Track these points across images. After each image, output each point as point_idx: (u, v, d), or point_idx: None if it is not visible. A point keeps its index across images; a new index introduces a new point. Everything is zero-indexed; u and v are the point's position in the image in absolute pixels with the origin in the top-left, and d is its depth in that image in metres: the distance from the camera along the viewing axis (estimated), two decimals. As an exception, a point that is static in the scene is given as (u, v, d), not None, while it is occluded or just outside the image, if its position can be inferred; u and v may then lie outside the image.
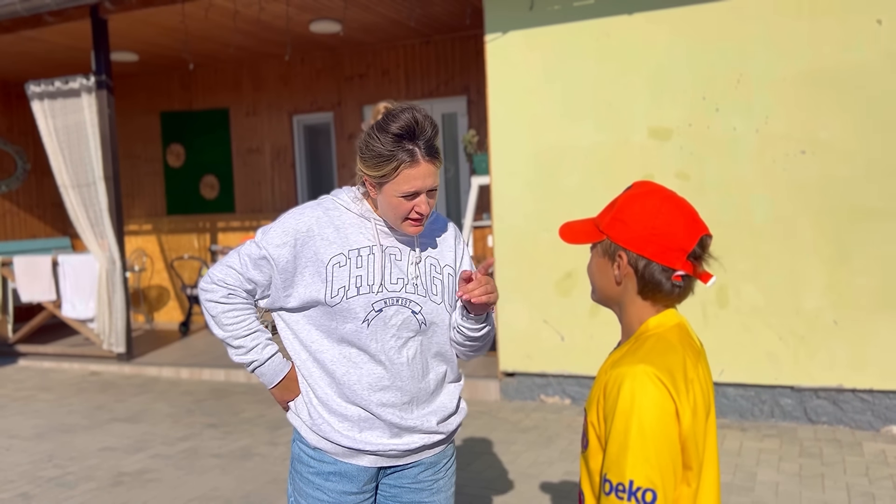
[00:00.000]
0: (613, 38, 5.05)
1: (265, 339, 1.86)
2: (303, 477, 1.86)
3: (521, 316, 5.43)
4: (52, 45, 7.52)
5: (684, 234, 1.33)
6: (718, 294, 4.90)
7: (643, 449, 1.23)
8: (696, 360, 1.36)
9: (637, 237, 1.34)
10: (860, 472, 4.00)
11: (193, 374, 6.75)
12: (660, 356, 1.29)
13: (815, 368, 4.73)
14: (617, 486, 1.25)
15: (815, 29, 4.59)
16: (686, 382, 1.29)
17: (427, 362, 1.87)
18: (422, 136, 1.73)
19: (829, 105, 4.60)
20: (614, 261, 1.38)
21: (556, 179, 5.26)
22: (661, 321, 1.37)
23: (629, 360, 1.29)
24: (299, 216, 1.82)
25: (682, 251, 1.33)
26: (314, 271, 1.79)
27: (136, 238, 9.67)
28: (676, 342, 1.34)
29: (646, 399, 1.24)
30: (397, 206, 1.75)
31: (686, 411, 1.27)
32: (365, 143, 1.76)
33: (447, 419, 1.91)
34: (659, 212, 1.34)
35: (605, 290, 1.43)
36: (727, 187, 4.85)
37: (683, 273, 1.33)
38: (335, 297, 1.78)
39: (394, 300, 1.80)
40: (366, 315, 1.78)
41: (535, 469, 4.18)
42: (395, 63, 8.16)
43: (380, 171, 1.73)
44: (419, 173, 1.72)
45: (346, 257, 1.79)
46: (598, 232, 1.42)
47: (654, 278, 1.34)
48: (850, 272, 4.61)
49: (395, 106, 1.76)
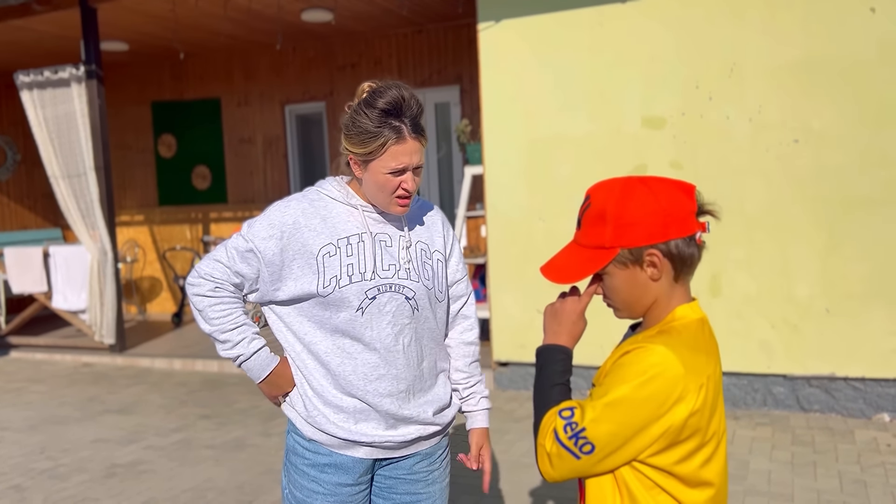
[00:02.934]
0: (607, 27, 5.03)
1: (252, 334, 1.84)
2: (298, 469, 1.85)
3: (515, 305, 5.43)
4: (41, 34, 7.45)
5: (685, 197, 1.31)
6: (711, 283, 4.91)
7: (615, 412, 1.23)
8: (714, 358, 1.33)
9: (656, 227, 1.28)
10: (852, 460, 4.02)
11: (186, 365, 6.73)
12: (684, 349, 1.27)
13: (807, 357, 4.74)
14: (572, 422, 1.28)
15: (808, 17, 4.58)
16: (699, 377, 1.26)
17: (421, 349, 1.86)
18: (408, 113, 1.72)
19: (822, 94, 4.59)
20: (643, 264, 1.31)
21: (549, 169, 5.25)
22: (686, 313, 1.34)
23: (657, 340, 1.27)
24: (284, 209, 1.80)
25: (692, 213, 1.31)
26: (304, 263, 1.77)
27: (128, 229, 9.62)
28: (700, 338, 1.32)
29: (655, 379, 1.23)
30: (384, 183, 1.74)
31: (688, 404, 1.24)
32: (351, 121, 1.74)
33: (442, 411, 1.90)
34: (654, 194, 1.30)
35: (642, 298, 1.34)
36: (720, 176, 4.85)
37: (700, 232, 1.32)
38: (328, 286, 1.76)
39: (387, 286, 1.78)
40: (360, 303, 1.77)
41: (529, 458, 4.19)
42: (388, 52, 8.11)
43: (366, 148, 1.72)
44: (406, 149, 1.71)
45: (336, 246, 1.78)
46: (603, 251, 1.32)
47: (688, 253, 1.31)
48: (843, 260, 4.63)
49: (380, 83, 1.75)
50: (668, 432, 1.25)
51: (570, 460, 1.28)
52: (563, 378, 1.38)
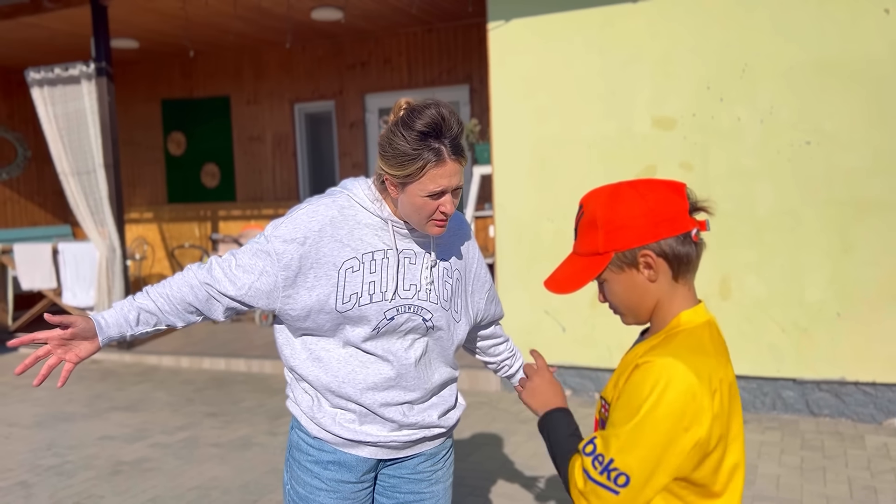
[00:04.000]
0: (617, 26, 5.00)
1: (144, 329, 1.74)
2: (300, 465, 1.83)
3: (523, 307, 5.40)
4: (53, 31, 7.47)
5: (675, 196, 1.30)
6: (721, 286, 4.87)
7: (640, 435, 1.20)
8: (725, 361, 1.31)
9: (645, 228, 1.28)
10: (862, 466, 3.97)
11: (194, 363, 6.73)
12: (690, 353, 1.24)
13: (817, 361, 4.70)
14: (597, 455, 1.24)
15: (821, 18, 4.54)
16: (712, 383, 1.24)
17: (431, 363, 1.83)
18: (448, 134, 1.62)
19: (835, 95, 4.55)
20: (638, 265, 1.31)
21: (558, 169, 5.22)
22: (692, 317, 1.32)
23: (661, 352, 1.25)
24: (313, 214, 1.72)
25: (684, 211, 1.30)
26: (321, 274, 1.70)
27: (137, 226, 9.64)
28: (707, 341, 1.30)
29: (668, 392, 1.20)
30: (422, 206, 1.65)
31: (707, 416, 1.21)
32: (388, 141, 1.63)
33: (447, 413, 1.88)
34: (642, 196, 1.30)
35: (643, 300, 1.34)
36: (731, 178, 4.81)
37: (696, 230, 1.30)
38: (346, 303, 1.70)
39: (406, 308, 1.73)
40: (377, 323, 1.72)
41: (535, 461, 4.16)
42: (398, 51, 8.10)
43: (404, 171, 1.62)
44: (446, 172, 1.62)
45: (360, 262, 1.71)
46: (597, 258, 1.33)
47: (683, 252, 1.29)
48: (855, 264, 4.58)
49: (417, 101, 1.66)
50: (698, 444, 1.22)
51: (609, 498, 1.23)
52: (573, 430, 1.38)
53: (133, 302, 1.75)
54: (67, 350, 1.69)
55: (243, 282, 1.72)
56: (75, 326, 1.67)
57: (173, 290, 1.75)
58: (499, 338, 2.11)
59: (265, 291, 1.73)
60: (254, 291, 1.73)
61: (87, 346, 1.70)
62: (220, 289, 1.74)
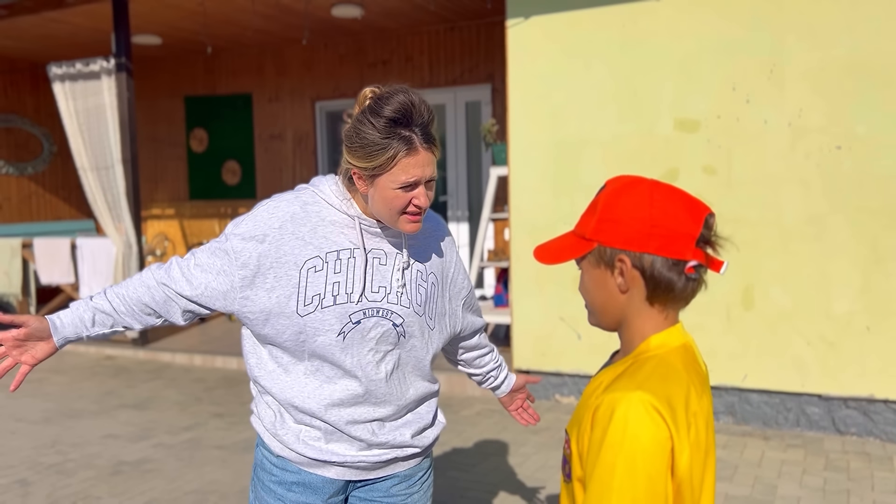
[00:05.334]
0: (640, 24, 4.82)
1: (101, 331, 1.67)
2: (264, 485, 1.71)
3: (537, 312, 5.24)
4: (76, 26, 7.49)
5: (687, 217, 1.13)
6: (744, 295, 4.67)
7: (631, 489, 1.04)
8: (700, 389, 1.16)
9: (635, 233, 1.14)
10: (890, 490, 3.75)
11: (206, 362, 6.69)
12: (660, 383, 1.10)
13: (844, 376, 4.47)
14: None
15: (854, 17, 4.32)
16: (688, 416, 1.10)
17: (405, 377, 1.70)
18: (418, 121, 1.51)
19: (867, 97, 4.32)
20: (613, 268, 1.17)
21: (576, 172, 5.06)
22: (664, 340, 1.17)
23: (624, 384, 1.10)
24: (273, 210, 1.63)
25: (690, 237, 1.13)
26: (282, 274, 1.59)
27: (159, 222, 9.66)
28: (681, 367, 1.15)
29: (640, 431, 1.05)
30: (393, 199, 1.54)
31: (684, 450, 1.08)
32: (354, 132, 1.54)
33: (422, 432, 1.75)
34: (652, 199, 1.14)
35: (607, 306, 1.20)
36: (756, 183, 4.60)
37: (696, 263, 1.13)
38: (308, 304, 1.58)
39: (373, 311, 1.61)
40: (342, 327, 1.59)
41: (544, 473, 4.01)
42: (419, 49, 7.99)
43: (372, 162, 1.52)
44: (418, 161, 1.52)
45: (324, 261, 1.59)
46: (583, 241, 1.20)
47: (665, 277, 1.14)
48: (886, 275, 4.35)
49: (384, 89, 1.54)
50: (678, 479, 1.09)
51: None
52: None
53: (89, 303, 1.68)
54: (23, 351, 1.63)
55: (199, 281, 1.63)
56: (28, 326, 1.61)
57: (129, 291, 1.67)
58: (483, 348, 1.97)
59: (222, 292, 1.63)
60: (210, 291, 1.63)
61: (43, 346, 1.64)
62: (176, 289, 1.65)
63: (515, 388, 2.05)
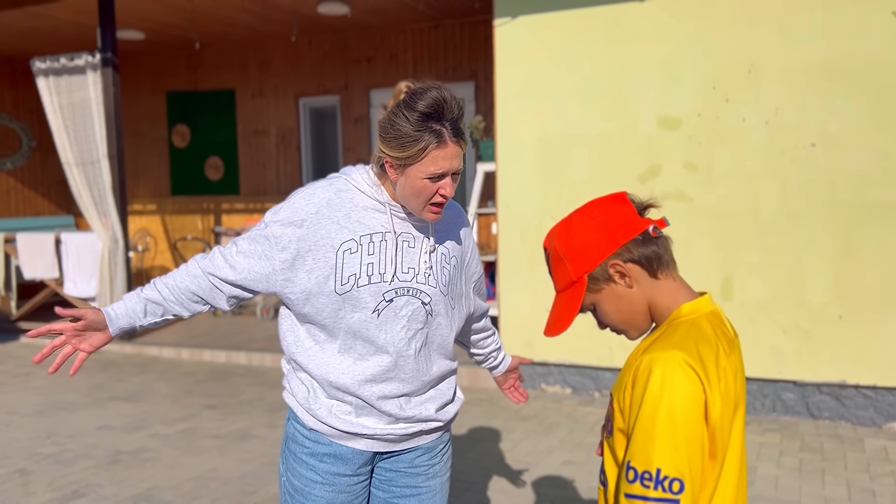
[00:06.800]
0: (624, 25, 4.98)
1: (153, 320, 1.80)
2: (296, 457, 1.83)
3: (524, 304, 5.39)
4: (59, 21, 7.48)
5: (619, 207, 1.37)
6: (723, 286, 4.86)
7: (672, 436, 1.20)
8: (729, 349, 1.33)
9: (603, 241, 1.35)
10: (861, 469, 3.97)
11: (194, 355, 6.74)
12: (692, 343, 1.27)
13: (818, 363, 4.69)
14: (643, 475, 1.21)
15: (827, 20, 4.52)
16: (718, 371, 1.26)
17: (430, 354, 1.83)
18: (449, 116, 1.64)
19: (840, 97, 4.53)
20: (612, 277, 1.36)
21: (562, 167, 5.22)
22: (695, 307, 1.35)
23: (661, 345, 1.27)
24: (310, 196, 1.74)
25: (633, 215, 1.37)
26: (320, 256, 1.71)
27: (140, 218, 9.65)
28: (710, 330, 1.32)
29: (676, 385, 1.21)
30: (422, 189, 1.66)
31: (716, 401, 1.24)
32: (389, 123, 1.65)
33: (444, 407, 1.88)
34: (589, 217, 1.37)
35: (633, 308, 1.38)
36: (735, 179, 4.80)
37: (653, 227, 1.35)
38: (345, 284, 1.71)
39: (405, 290, 1.74)
40: (376, 305, 1.72)
41: (534, 457, 4.16)
42: (403, 47, 8.09)
43: (405, 153, 1.63)
44: (447, 154, 1.64)
45: (358, 243, 1.72)
46: (575, 286, 1.38)
47: (648, 250, 1.35)
48: (858, 267, 4.57)
49: (418, 85, 1.68)
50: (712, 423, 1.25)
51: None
52: None
53: (140, 294, 1.81)
54: (82, 340, 1.76)
55: (242, 266, 1.76)
56: (86, 318, 1.74)
57: (177, 281, 1.80)
58: (488, 330, 2.14)
59: (264, 275, 1.75)
60: (253, 275, 1.76)
61: (99, 336, 1.77)
62: (221, 275, 1.77)
63: (510, 368, 2.21)
